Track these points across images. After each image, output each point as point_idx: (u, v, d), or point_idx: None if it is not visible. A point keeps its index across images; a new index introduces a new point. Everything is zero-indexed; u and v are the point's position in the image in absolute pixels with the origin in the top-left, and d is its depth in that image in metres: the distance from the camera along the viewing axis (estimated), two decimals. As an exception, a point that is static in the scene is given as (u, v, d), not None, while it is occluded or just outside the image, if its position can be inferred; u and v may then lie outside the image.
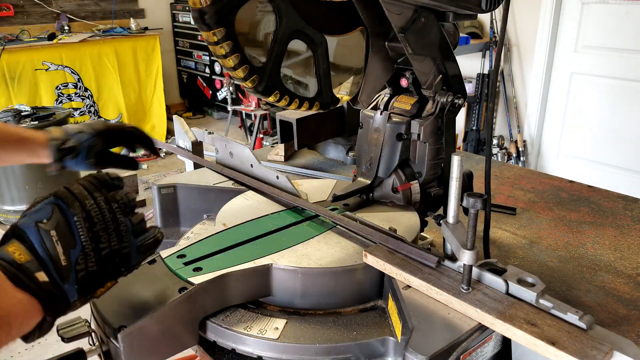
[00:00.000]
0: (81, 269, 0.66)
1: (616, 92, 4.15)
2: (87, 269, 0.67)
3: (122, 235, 0.70)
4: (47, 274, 0.64)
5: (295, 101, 0.99)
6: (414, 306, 0.84)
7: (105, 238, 0.68)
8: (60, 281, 0.65)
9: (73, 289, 0.66)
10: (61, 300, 0.66)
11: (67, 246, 0.65)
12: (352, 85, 1.09)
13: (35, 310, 0.64)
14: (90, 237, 0.67)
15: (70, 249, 0.65)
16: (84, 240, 0.66)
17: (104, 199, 0.70)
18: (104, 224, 0.68)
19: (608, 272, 1.24)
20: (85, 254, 0.66)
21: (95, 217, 0.68)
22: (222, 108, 6.74)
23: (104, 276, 0.69)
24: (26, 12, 6.04)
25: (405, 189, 1.18)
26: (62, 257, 0.65)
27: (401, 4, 0.99)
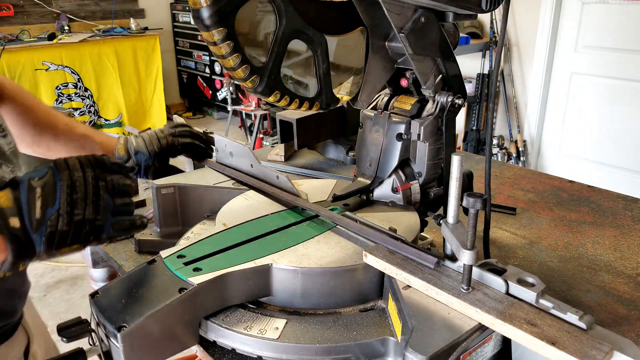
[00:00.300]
0: (52, 226, 0.73)
1: (616, 92, 4.15)
2: (57, 227, 0.74)
3: (99, 209, 0.77)
4: (20, 221, 0.73)
5: (295, 101, 0.99)
6: (414, 306, 0.84)
7: (81, 206, 0.75)
8: (30, 230, 0.73)
9: (40, 240, 0.73)
10: (27, 247, 0.74)
11: (46, 204, 0.73)
12: (352, 85, 1.09)
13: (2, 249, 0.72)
14: (68, 202, 0.74)
15: (48, 207, 0.73)
16: (61, 203, 0.74)
17: (92, 174, 0.78)
18: (85, 195, 0.76)
19: (608, 272, 1.24)
20: (59, 215, 0.74)
21: (79, 187, 0.76)
22: (222, 108, 6.75)
23: (73, 239, 0.76)
24: (26, 12, 6.05)
25: (405, 189, 1.18)
26: (38, 211, 0.73)
27: (401, 4, 0.99)
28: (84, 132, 1.28)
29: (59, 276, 3.60)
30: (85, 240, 0.78)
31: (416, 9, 1.02)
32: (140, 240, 1.26)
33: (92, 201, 0.77)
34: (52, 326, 1.24)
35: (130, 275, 0.92)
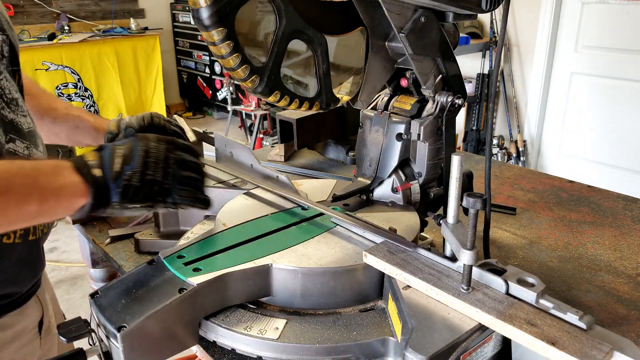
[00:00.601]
0: (126, 180, 0.85)
1: (616, 92, 4.15)
2: (131, 181, 0.85)
3: (167, 174, 0.88)
4: (102, 171, 0.85)
5: (295, 101, 0.99)
6: (414, 306, 0.84)
7: (152, 169, 0.87)
8: (109, 179, 0.84)
9: (115, 190, 0.84)
10: (105, 194, 0.84)
11: (124, 162, 0.86)
12: (352, 85, 1.09)
13: (83, 192, 0.83)
14: (142, 163, 0.86)
15: (125, 165, 0.86)
16: (136, 163, 0.86)
17: (165, 147, 0.90)
18: (156, 161, 0.88)
19: (608, 272, 1.24)
20: (134, 172, 0.86)
21: (153, 154, 0.88)
22: (222, 108, 6.75)
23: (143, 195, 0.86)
24: (26, 12, 6.04)
25: (405, 189, 1.18)
26: (117, 166, 0.85)
27: (401, 4, 0.99)
28: (79, 113, 1.35)
29: (59, 276, 3.60)
30: (153, 199, 0.88)
31: (416, 9, 1.02)
32: (140, 240, 1.26)
33: (162, 167, 0.88)
34: (52, 326, 1.25)
35: (130, 275, 0.92)
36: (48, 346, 1.23)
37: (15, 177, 0.79)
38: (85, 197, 0.83)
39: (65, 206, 0.83)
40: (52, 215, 0.84)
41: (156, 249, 1.23)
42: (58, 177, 0.83)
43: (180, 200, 0.91)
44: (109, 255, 1.27)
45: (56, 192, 0.82)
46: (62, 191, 0.82)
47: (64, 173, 0.83)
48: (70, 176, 0.83)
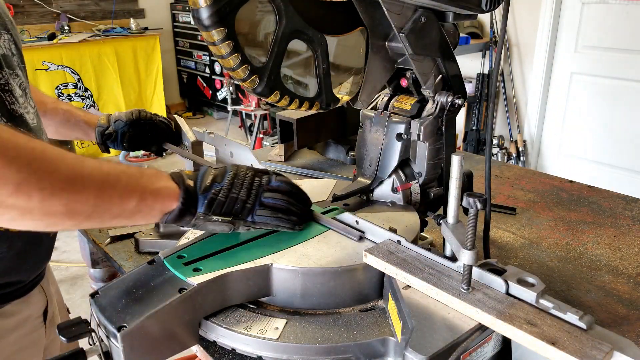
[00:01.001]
0: (214, 194, 0.94)
1: (616, 92, 4.15)
2: (217, 196, 0.94)
3: (250, 194, 0.97)
4: (194, 183, 0.95)
5: (295, 101, 0.99)
6: (414, 306, 0.84)
7: (238, 189, 0.96)
8: (198, 190, 0.94)
9: (202, 201, 0.93)
10: (192, 203, 0.93)
11: (214, 180, 0.96)
12: (352, 85, 1.09)
13: (175, 197, 0.91)
14: (230, 183, 0.96)
15: (215, 182, 0.95)
16: (225, 182, 0.96)
17: (252, 174, 1.00)
18: (242, 182, 0.97)
19: (608, 272, 1.24)
20: (221, 188, 0.95)
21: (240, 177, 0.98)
22: (222, 108, 6.75)
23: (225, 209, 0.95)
24: (26, 12, 6.05)
25: (405, 189, 1.18)
26: (208, 181, 0.95)
27: (401, 4, 0.99)
28: (68, 108, 1.42)
29: (59, 276, 3.60)
30: (234, 214, 0.95)
31: (416, 9, 1.02)
32: (140, 240, 1.26)
33: (247, 188, 0.97)
34: (52, 326, 1.25)
35: (130, 275, 0.92)
36: (52, 337, 1.25)
37: (122, 174, 0.87)
38: (177, 202, 0.91)
39: (158, 208, 0.90)
40: (146, 214, 0.89)
41: (156, 249, 1.23)
42: (158, 180, 0.91)
43: (259, 220, 0.97)
44: (109, 255, 1.27)
45: (154, 192, 0.89)
46: (159, 193, 0.90)
47: (163, 178, 0.93)
48: (167, 181, 0.92)
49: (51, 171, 0.77)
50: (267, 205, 0.98)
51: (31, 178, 0.74)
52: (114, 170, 0.86)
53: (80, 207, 0.80)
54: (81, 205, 0.80)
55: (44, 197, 0.75)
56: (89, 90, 5.71)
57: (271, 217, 0.98)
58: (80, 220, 0.82)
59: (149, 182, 0.90)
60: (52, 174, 0.77)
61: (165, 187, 0.91)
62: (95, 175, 0.83)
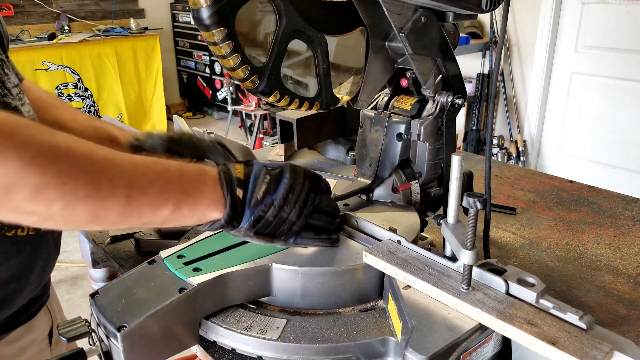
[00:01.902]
0: (263, 211, 0.83)
1: (616, 92, 4.15)
2: (267, 214, 0.83)
3: (300, 215, 0.86)
4: (243, 193, 0.82)
5: (295, 101, 0.99)
6: (414, 306, 0.84)
7: (290, 207, 0.84)
8: (247, 204, 0.82)
9: (248, 217, 0.82)
10: (238, 218, 0.82)
11: (267, 191, 0.83)
12: (352, 85, 1.09)
13: (219, 210, 0.81)
14: (283, 198, 0.84)
15: (268, 194, 0.83)
16: (279, 197, 0.84)
17: (309, 187, 0.88)
18: (296, 200, 0.85)
19: (608, 272, 1.24)
20: (272, 206, 0.83)
21: (296, 191, 0.86)
22: (222, 108, 6.75)
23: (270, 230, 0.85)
24: (26, 12, 6.05)
25: (405, 189, 1.18)
26: (260, 194, 0.83)
27: (401, 4, 0.99)
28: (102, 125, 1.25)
29: (59, 276, 3.60)
30: (277, 236, 0.87)
31: (416, 9, 1.02)
32: (140, 240, 1.26)
33: (299, 208, 0.86)
34: (52, 326, 1.24)
35: (130, 275, 0.92)
36: None
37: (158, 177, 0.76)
38: (220, 215, 0.81)
39: (196, 218, 0.81)
40: (180, 222, 0.80)
41: (156, 249, 1.23)
42: (200, 184, 0.80)
43: (301, 242, 0.90)
44: (109, 255, 1.27)
45: (193, 202, 0.79)
46: (198, 202, 0.80)
47: (208, 180, 0.81)
48: (211, 188, 0.80)
49: (75, 175, 0.67)
50: (313, 227, 0.90)
51: (51, 182, 0.65)
52: (150, 171, 0.76)
53: (106, 215, 0.72)
54: (107, 214, 0.71)
55: (66, 204, 0.67)
56: (89, 90, 5.71)
57: (313, 239, 0.92)
58: (108, 226, 0.76)
59: (188, 187, 0.79)
60: (76, 178, 0.67)
61: (208, 197, 0.80)
62: (126, 177, 0.73)
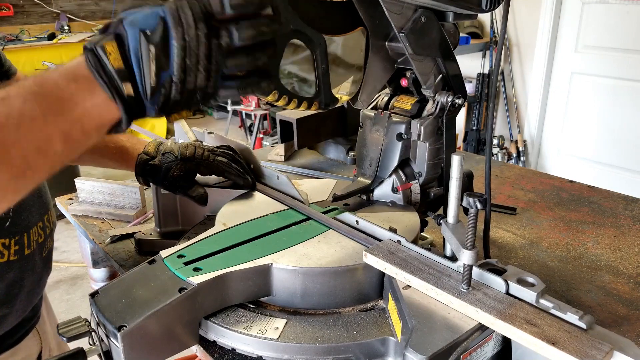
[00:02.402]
0: (165, 94, 0.66)
1: (616, 92, 4.15)
2: (170, 96, 0.67)
3: (210, 75, 0.67)
4: (133, 87, 0.65)
5: (294, 101, 0.99)
6: (414, 306, 0.84)
7: (194, 73, 0.66)
8: (144, 97, 0.66)
9: (152, 108, 0.67)
10: (139, 112, 0.68)
11: (160, 67, 0.65)
12: (352, 85, 1.09)
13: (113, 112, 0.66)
14: (182, 68, 0.65)
15: (162, 71, 0.65)
16: (176, 69, 0.65)
17: (205, 32, 0.65)
18: (197, 59, 0.66)
19: (608, 272, 1.24)
20: (172, 82, 0.66)
21: (192, 49, 0.65)
22: (222, 108, 6.74)
23: (183, 106, 0.70)
24: (26, 12, 6.04)
25: (406, 189, 1.18)
26: (153, 78, 0.65)
27: (401, 4, 0.99)
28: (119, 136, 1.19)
29: (59, 276, 3.60)
30: (193, 106, 0.71)
31: (416, 9, 1.02)
32: (140, 240, 1.26)
33: (205, 67, 0.66)
34: (52, 326, 1.23)
35: (130, 275, 0.92)
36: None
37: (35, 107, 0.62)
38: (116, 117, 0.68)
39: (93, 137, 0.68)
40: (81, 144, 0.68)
41: (156, 249, 1.23)
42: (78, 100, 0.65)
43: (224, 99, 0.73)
44: (109, 255, 1.27)
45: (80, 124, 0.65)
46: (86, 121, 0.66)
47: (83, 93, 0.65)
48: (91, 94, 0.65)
49: None
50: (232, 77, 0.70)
51: None
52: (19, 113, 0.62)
53: None
54: None
55: None
56: (89, 90, 5.71)
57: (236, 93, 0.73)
58: None
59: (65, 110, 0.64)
60: None
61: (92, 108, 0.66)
62: None
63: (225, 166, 1.13)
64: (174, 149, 1.13)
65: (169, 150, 1.13)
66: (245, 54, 0.69)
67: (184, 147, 1.13)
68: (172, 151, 1.12)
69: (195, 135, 1.48)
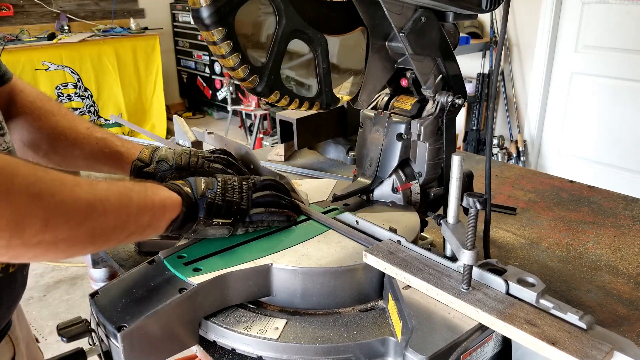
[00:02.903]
0: (210, 197, 0.98)
1: (616, 92, 4.15)
2: (214, 200, 0.98)
3: (242, 196, 1.02)
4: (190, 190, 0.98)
5: (295, 101, 0.99)
6: (414, 306, 0.84)
7: (231, 192, 1.01)
8: (195, 195, 0.97)
9: (202, 206, 0.97)
10: (193, 208, 0.96)
11: (207, 186, 1.00)
12: (352, 85, 1.09)
13: (178, 205, 0.94)
14: (221, 188, 1.01)
15: (208, 189, 0.99)
16: (217, 187, 1.00)
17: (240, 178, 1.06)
18: (232, 186, 1.02)
19: (608, 272, 1.24)
20: (215, 193, 0.99)
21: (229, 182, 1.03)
22: (222, 108, 6.75)
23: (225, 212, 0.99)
24: (26, 12, 6.05)
25: (406, 189, 1.18)
26: (202, 187, 0.99)
27: (401, 4, 0.99)
28: (104, 136, 1.20)
29: (58, 276, 3.60)
30: (233, 215, 1.00)
31: (416, 9, 1.02)
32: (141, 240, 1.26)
33: (238, 191, 1.02)
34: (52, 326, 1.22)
35: (130, 275, 0.92)
36: None
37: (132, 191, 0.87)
38: (180, 209, 0.93)
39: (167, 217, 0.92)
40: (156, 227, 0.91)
41: (156, 249, 1.23)
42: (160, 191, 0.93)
43: (256, 218, 1.02)
44: (109, 255, 1.27)
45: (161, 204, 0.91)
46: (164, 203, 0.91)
47: (163, 189, 0.94)
48: (168, 191, 0.94)
49: (74, 200, 0.74)
50: (259, 204, 1.03)
51: (58, 211, 0.72)
52: (124, 188, 0.86)
53: (103, 230, 0.79)
54: (104, 229, 0.79)
55: (72, 227, 0.74)
56: (88, 90, 5.71)
57: (266, 214, 1.03)
58: (100, 245, 0.81)
59: (154, 195, 0.91)
60: (75, 202, 0.74)
61: (169, 197, 0.93)
62: (110, 196, 0.82)
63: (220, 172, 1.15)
64: (168, 157, 1.17)
65: (164, 157, 1.17)
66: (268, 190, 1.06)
67: (178, 156, 1.18)
68: (166, 159, 1.17)
69: (195, 135, 1.48)
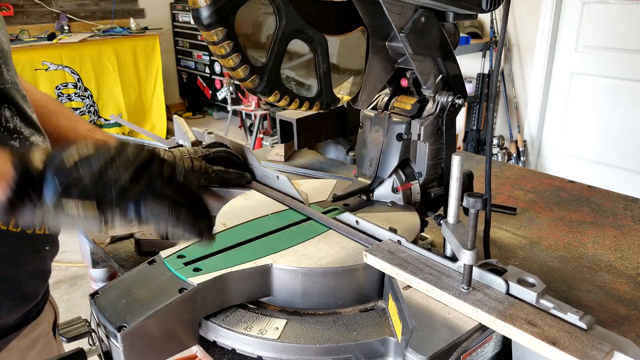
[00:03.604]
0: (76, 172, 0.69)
1: (616, 92, 4.15)
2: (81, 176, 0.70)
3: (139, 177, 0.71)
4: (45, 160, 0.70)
5: (295, 101, 0.99)
6: (414, 306, 0.84)
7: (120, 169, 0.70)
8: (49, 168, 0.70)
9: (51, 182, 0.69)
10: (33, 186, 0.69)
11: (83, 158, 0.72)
12: (353, 85, 1.09)
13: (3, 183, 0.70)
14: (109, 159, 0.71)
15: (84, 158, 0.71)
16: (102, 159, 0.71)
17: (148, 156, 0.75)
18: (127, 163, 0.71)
19: (608, 272, 1.24)
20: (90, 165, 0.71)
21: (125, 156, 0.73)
22: (222, 108, 6.75)
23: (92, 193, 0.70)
24: (26, 12, 6.05)
25: (406, 189, 1.18)
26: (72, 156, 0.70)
27: (401, 4, 0.99)
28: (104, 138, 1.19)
29: (58, 276, 3.60)
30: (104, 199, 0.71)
31: (416, 9, 1.02)
32: (140, 240, 1.26)
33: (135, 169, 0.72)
34: (52, 326, 1.24)
35: (130, 275, 0.92)
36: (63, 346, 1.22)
37: None
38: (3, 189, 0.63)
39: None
40: None
41: (156, 249, 1.23)
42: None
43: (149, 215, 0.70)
44: (109, 255, 1.27)
45: None
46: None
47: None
48: None
49: None
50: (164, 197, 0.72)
51: None
52: None
53: None
54: None
55: None
56: (88, 90, 5.71)
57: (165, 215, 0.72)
58: None
59: None
60: None
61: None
62: None
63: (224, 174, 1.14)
64: None
65: None
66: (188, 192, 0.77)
67: (179, 159, 1.13)
68: None
69: (195, 135, 1.48)
